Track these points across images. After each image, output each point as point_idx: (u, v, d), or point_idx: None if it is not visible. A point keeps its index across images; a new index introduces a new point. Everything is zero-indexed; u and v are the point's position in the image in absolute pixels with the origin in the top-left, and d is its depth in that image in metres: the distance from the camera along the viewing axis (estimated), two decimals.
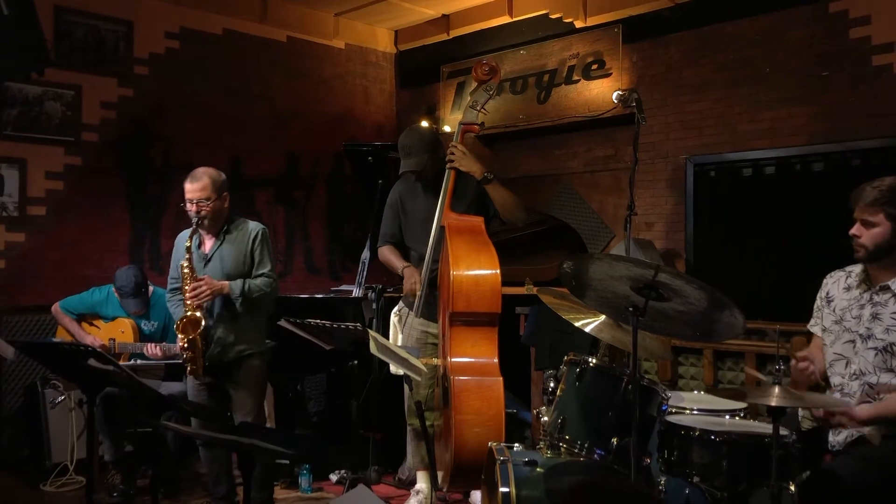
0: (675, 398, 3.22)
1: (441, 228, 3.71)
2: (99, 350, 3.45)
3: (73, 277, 5.23)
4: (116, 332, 4.66)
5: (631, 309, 2.71)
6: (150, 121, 5.79)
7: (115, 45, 5.61)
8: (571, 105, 6.03)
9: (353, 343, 4.03)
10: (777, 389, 2.48)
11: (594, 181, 6.02)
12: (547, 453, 3.00)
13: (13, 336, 5.03)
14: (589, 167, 6.06)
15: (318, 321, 4.01)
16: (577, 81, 5.99)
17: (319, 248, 6.80)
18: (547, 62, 6.19)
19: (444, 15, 6.69)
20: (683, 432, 2.79)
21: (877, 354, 2.87)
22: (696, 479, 2.74)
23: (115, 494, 4.46)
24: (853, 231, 2.94)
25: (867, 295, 2.96)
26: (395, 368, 3.65)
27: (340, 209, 6.88)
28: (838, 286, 3.11)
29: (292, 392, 5.33)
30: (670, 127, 5.53)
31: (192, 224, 3.81)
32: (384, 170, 5.49)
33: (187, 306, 3.75)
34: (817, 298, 3.19)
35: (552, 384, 3.20)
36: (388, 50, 7.24)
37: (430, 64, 6.96)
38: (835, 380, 3.01)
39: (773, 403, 2.45)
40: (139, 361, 4.52)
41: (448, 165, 3.85)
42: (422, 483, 4.08)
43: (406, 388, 3.94)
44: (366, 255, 5.63)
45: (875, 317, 2.91)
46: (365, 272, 5.58)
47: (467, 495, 4.12)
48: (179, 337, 3.74)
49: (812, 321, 3.21)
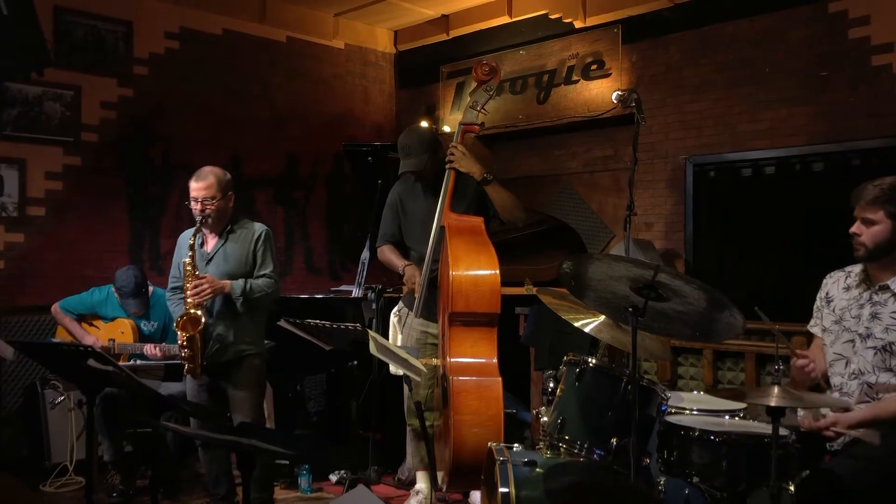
0: (675, 398, 3.22)
1: (441, 229, 3.71)
2: (98, 350, 3.45)
3: (73, 278, 5.23)
4: (116, 332, 4.66)
5: (630, 309, 2.71)
6: (149, 121, 5.78)
7: (114, 46, 5.60)
8: (571, 105, 6.03)
9: (353, 343, 4.03)
10: (776, 389, 2.48)
11: (594, 181, 6.02)
12: (546, 453, 3.00)
13: (13, 336, 5.02)
14: (588, 167, 6.05)
15: (318, 321, 4.00)
16: (577, 82, 5.99)
17: (319, 249, 6.80)
18: (546, 62, 6.19)
19: (443, 15, 6.69)
20: (683, 432, 2.79)
21: (876, 354, 2.87)
22: (695, 479, 2.74)
23: (114, 495, 4.46)
24: (853, 229, 2.94)
25: (867, 294, 2.97)
26: (394, 369, 3.65)
27: (340, 209, 6.88)
28: (838, 286, 3.11)
29: (292, 392, 5.32)
30: (670, 127, 5.52)
31: (196, 222, 3.81)
32: (384, 170, 5.50)
33: (188, 304, 3.75)
34: (817, 299, 3.19)
35: (551, 384, 3.20)
36: (387, 50, 7.24)
37: (429, 64, 6.95)
38: (835, 380, 3.01)
39: (773, 403, 2.45)
40: (139, 362, 4.52)
41: (448, 166, 3.84)
42: (421, 483, 4.08)
43: (406, 388, 3.93)
44: (365, 255, 5.63)
45: (874, 316, 2.91)
46: (365, 272, 5.59)
47: (467, 495, 4.12)
48: (179, 335, 3.74)
49: (812, 321, 3.21)
